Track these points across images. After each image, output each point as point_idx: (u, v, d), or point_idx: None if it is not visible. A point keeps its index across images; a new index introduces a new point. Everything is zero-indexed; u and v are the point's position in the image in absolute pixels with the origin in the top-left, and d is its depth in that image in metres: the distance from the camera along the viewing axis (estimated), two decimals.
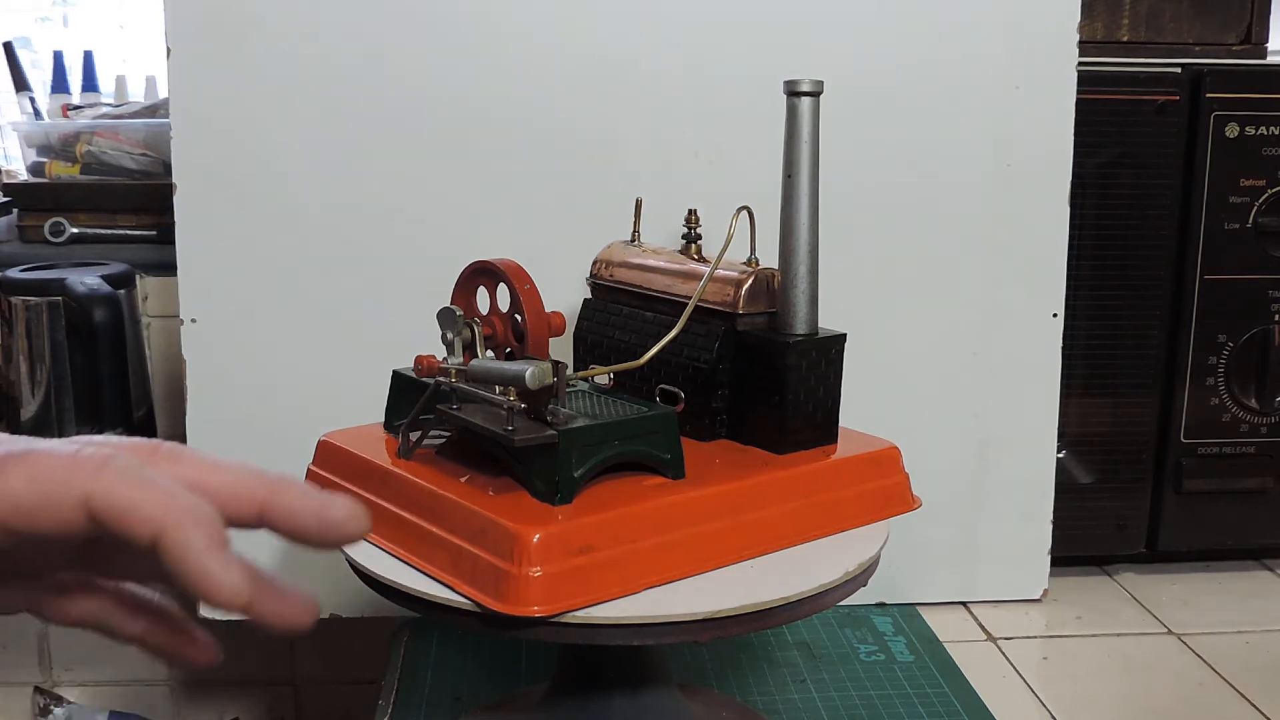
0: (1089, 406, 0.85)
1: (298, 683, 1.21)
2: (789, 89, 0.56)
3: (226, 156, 0.77)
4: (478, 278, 0.60)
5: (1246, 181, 0.82)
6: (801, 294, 0.58)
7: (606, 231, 0.67)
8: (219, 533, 0.36)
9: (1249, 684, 0.74)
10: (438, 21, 0.76)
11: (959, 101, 0.78)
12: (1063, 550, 0.85)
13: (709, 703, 0.67)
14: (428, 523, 0.51)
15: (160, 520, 0.35)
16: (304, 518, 0.39)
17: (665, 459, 0.53)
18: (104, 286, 0.96)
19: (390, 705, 0.70)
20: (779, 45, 0.77)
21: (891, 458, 0.59)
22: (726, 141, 0.78)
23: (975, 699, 0.71)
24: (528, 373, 0.48)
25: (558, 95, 0.77)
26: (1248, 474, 0.87)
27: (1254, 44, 0.92)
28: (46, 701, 1.18)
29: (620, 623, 0.48)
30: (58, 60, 1.24)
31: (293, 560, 0.81)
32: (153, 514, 0.35)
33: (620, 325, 0.63)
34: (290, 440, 0.79)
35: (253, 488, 0.39)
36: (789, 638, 0.79)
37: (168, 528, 0.35)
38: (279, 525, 0.39)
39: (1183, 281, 0.84)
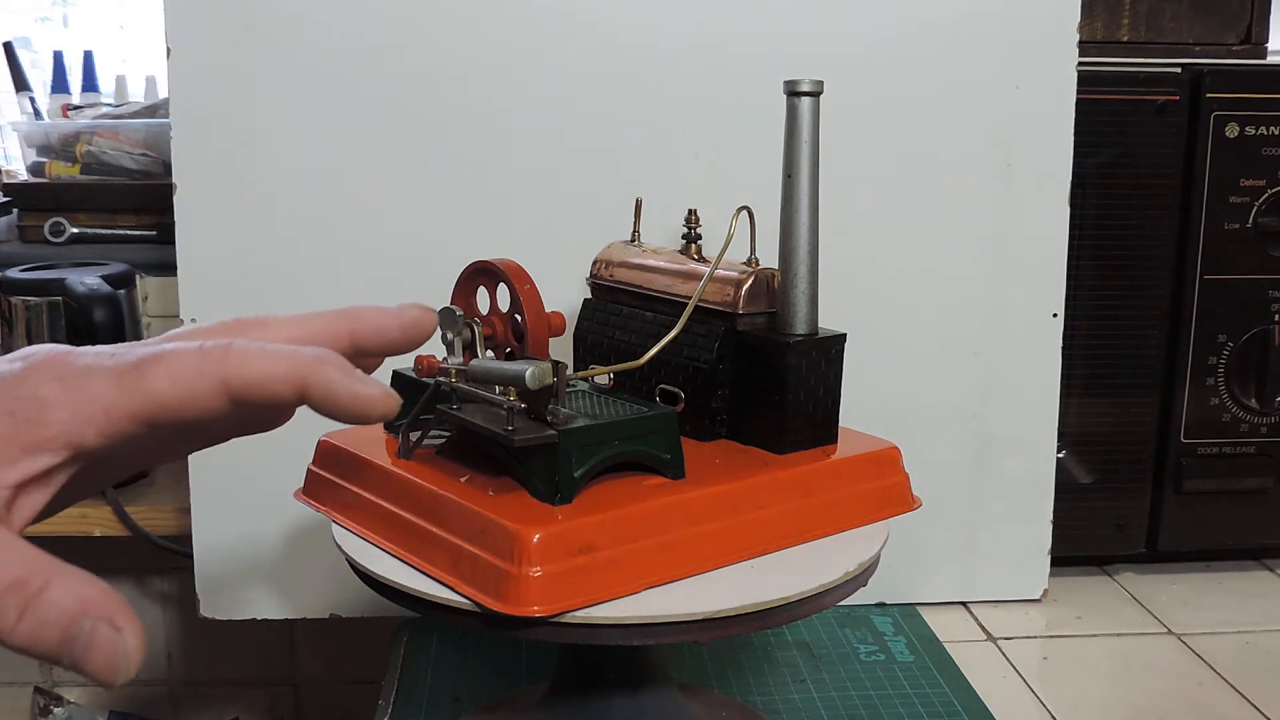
0: (1089, 406, 0.85)
1: (298, 683, 1.21)
2: (789, 89, 0.56)
3: (226, 156, 0.77)
4: (478, 278, 0.60)
5: (1246, 181, 0.82)
6: (801, 294, 0.58)
7: (606, 231, 0.67)
8: (345, 363, 0.39)
9: (1249, 684, 0.74)
10: (438, 22, 0.76)
11: (959, 101, 0.78)
12: (1063, 550, 0.85)
13: (709, 703, 0.67)
14: (428, 523, 0.51)
15: (297, 376, 0.38)
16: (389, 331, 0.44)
17: (665, 459, 0.53)
18: (104, 286, 0.96)
19: (390, 705, 0.70)
20: (779, 45, 0.77)
21: (891, 458, 0.59)
22: (726, 141, 0.78)
23: (975, 699, 0.71)
24: (528, 373, 0.48)
25: (558, 95, 0.77)
26: (1248, 474, 0.87)
27: (1254, 44, 0.92)
28: (46, 701, 1.18)
29: (620, 623, 0.48)
30: (58, 60, 1.24)
31: (293, 559, 0.81)
32: (289, 374, 0.38)
33: (620, 325, 0.63)
34: (290, 440, 0.79)
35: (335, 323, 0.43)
36: (789, 638, 0.79)
37: (306, 379, 0.38)
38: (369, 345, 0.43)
39: (1183, 281, 0.84)
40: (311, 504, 0.59)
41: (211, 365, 0.38)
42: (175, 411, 0.37)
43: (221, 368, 0.38)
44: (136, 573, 1.18)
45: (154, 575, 1.18)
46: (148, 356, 0.38)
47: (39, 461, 0.36)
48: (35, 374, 0.37)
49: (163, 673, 1.21)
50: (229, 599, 0.82)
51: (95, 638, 0.35)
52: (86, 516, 0.96)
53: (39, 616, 0.35)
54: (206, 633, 1.17)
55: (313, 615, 0.82)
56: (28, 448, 0.36)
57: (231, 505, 0.80)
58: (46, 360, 0.37)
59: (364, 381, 0.39)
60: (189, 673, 1.21)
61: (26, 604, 0.35)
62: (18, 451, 0.36)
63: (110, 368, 0.37)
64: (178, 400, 0.37)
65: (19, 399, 0.36)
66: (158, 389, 0.37)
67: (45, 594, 0.35)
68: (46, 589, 0.35)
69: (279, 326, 0.42)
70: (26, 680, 1.20)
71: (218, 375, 0.38)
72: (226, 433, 0.46)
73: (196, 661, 1.21)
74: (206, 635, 1.18)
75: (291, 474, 0.61)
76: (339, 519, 0.56)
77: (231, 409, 0.38)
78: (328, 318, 0.43)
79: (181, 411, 0.38)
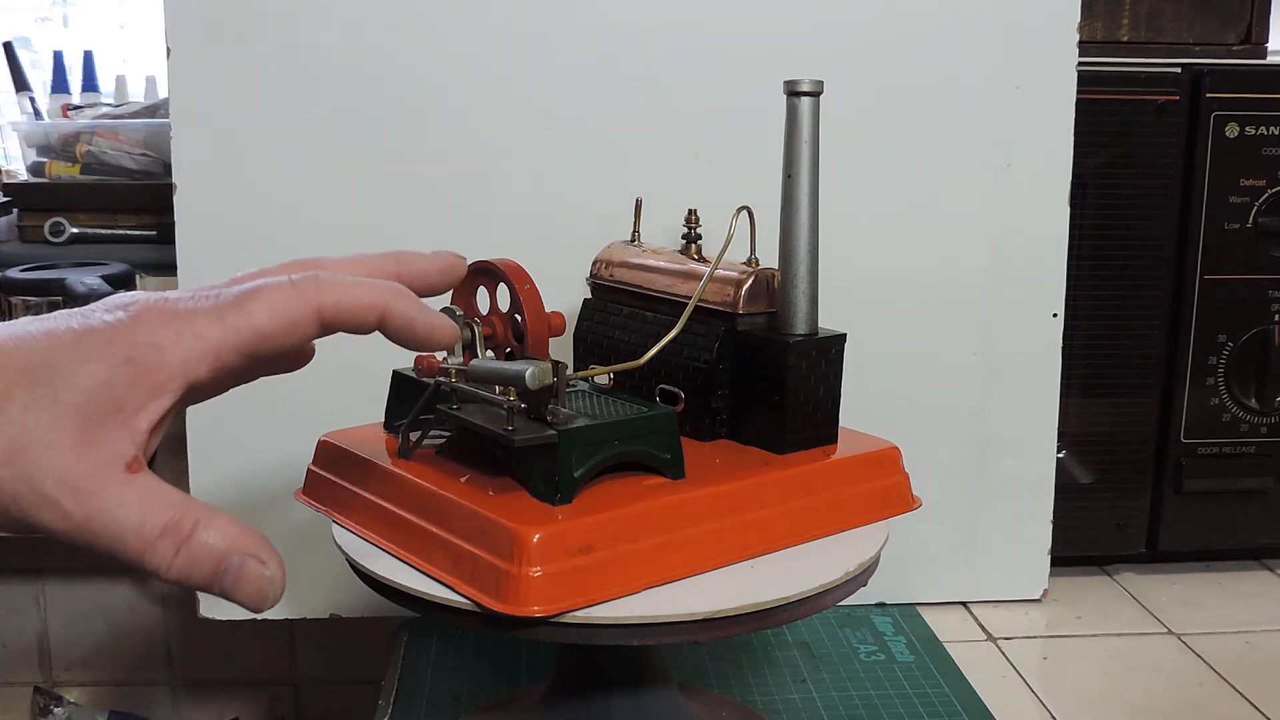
0: (1089, 406, 0.85)
1: (298, 683, 1.21)
2: (789, 89, 0.56)
3: (226, 156, 0.77)
4: (478, 278, 0.60)
5: (1246, 181, 0.82)
6: (801, 294, 0.58)
7: (606, 231, 0.67)
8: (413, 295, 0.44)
9: (1249, 684, 0.74)
10: (438, 22, 0.76)
11: (959, 101, 0.78)
12: (1063, 550, 0.85)
13: (709, 703, 0.67)
14: (428, 523, 0.51)
15: (381, 304, 0.42)
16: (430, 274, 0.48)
17: (665, 459, 0.53)
18: (104, 286, 0.96)
19: (390, 705, 0.70)
20: (779, 45, 0.77)
21: (891, 458, 0.59)
22: (726, 141, 0.78)
23: (975, 699, 0.71)
24: (528, 373, 0.48)
25: (558, 95, 0.77)
26: (1248, 474, 0.87)
27: (1254, 44, 0.92)
28: (46, 701, 1.18)
29: (620, 623, 0.48)
30: (58, 60, 1.24)
31: (293, 559, 0.81)
32: (372, 303, 0.42)
33: (620, 325, 0.63)
34: (290, 440, 0.79)
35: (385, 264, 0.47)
36: (789, 638, 0.79)
37: (389, 306, 0.42)
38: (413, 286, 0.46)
39: (1183, 281, 0.84)
40: (311, 504, 0.59)
41: (306, 296, 0.41)
42: (277, 340, 0.40)
43: (316, 297, 0.41)
44: (136, 573, 1.17)
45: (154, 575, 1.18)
46: (244, 293, 0.40)
47: (163, 402, 0.39)
48: (145, 321, 0.39)
49: (163, 673, 1.21)
50: None
51: (244, 570, 0.39)
52: None
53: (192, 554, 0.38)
54: (206, 633, 1.17)
55: (313, 615, 0.82)
56: (152, 390, 0.38)
57: (231, 505, 0.80)
58: (150, 307, 0.39)
59: (433, 312, 0.44)
60: (189, 673, 1.21)
61: (180, 544, 0.38)
62: (144, 395, 0.38)
63: (213, 308, 0.40)
64: (280, 329, 0.40)
65: (136, 345, 0.38)
66: (260, 321, 0.40)
67: (196, 534, 0.38)
68: (196, 529, 0.38)
69: (336, 266, 0.45)
70: (26, 680, 1.20)
71: (313, 304, 0.41)
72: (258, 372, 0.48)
73: (196, 661, 1.21)
74: (206, 635, 1.18)
75: (291, 474, 0.61)
76: (339, 519, 0.56)
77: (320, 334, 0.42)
78: (378, 259, 0.47)
79: (283, 340, 0.41)
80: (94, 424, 0.37)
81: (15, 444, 0.36)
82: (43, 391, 0.37)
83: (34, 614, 1.19)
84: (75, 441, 0.37)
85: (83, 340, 0.38)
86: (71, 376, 0.37)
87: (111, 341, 0.38)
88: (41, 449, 0.36)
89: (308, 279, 0.41)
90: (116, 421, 0.38)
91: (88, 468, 0.37)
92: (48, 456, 0.36)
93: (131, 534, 0.37)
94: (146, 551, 0.38)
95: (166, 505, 0.38)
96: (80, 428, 0.37)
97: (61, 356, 0.37)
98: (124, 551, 0.38)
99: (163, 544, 0.38)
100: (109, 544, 0.38)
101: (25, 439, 0.36)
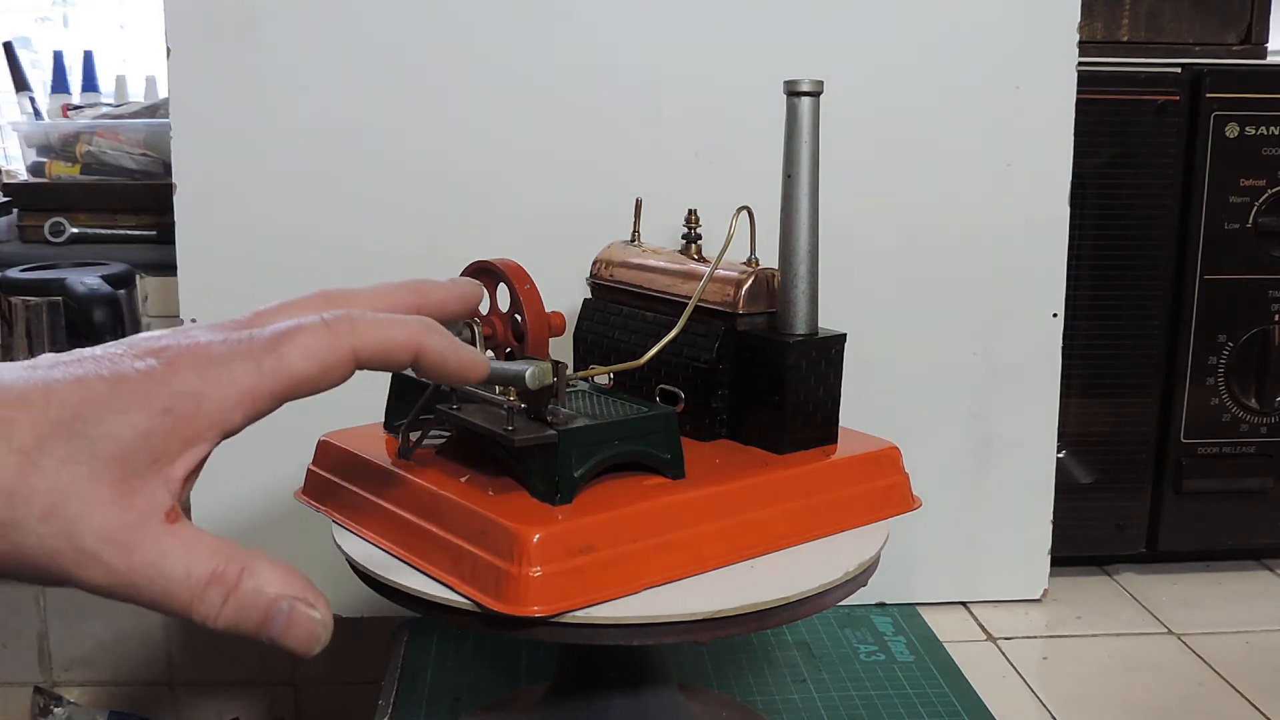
0: (1089, 406, 0.85)
1: (298, 683, 1.21)
2: (789, 89, 0.56)
3: (226, 156, 0.77)
4: (478, 278, 0.60)
5: (1246, 181, 0.82)
6: (801, 294, 0.58)
7: (606, 231, 0.67)
8: (443, 330, 0.44)
9: (1249, 684, 0.74)
10: (438, 22, 0.76)
11: (959, 101, 0.78)
12: (1063, 550, 0.85)
13: (709, 703, 0.67)
14: (428, 523, 0.51)
15: (415, 343, 0.42)
16: (450, 304, 0.48)
17: (665, 459, 0.53)
18: (104, 286, 0.96)
19: (390, 705, 0.70)
20: (779, 45, 0.77)
21: (891, 458, 0.59)
22: (726, 141, 0.78)
23: (975, 699, 0.71)
24: (528, 373, 0.48)
25: (558, 95, 0.77)
26: (1248, 474, 0.87)
27: (1254, 44, 0.92)
28: (46, 701, 1.18)
29: (620, 623, 0.48)
30: (58, 60, 1.24)
31: (293, 559, 0.81)
32: (407, 342, 0.42)
33: (620, 325, 0.63)
34: (290, 440, 0.79)
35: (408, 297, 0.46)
36: (789, 638, 0.79)
37: (423, 344, 0.42)
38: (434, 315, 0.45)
39: (1183, 281, 0.84)
40: (311, 504, 0.59)
41: (341, 338, 0.40)
42: (313, 384, 0.40)
43: (351, 339, 0.40)
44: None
45: None
46: (278, 335, 0.40)
47: (198, 451, 0.38)
48: (181, 369, 0.38)
49: (163, 673, 1.21)
50: None
51: (294, 616, 0.39)
52: None
53: (240, 603, 0.38)
54: (206, 633, 1.17)
55: None
56: (188, 440, 0.38)
57: (231, 505, 0.80)
58: (183, 352, 0.38)
59: (465, 348, 0.44)
60: (189, 673, 1.21)
61: (228, 593, 0.37)
62: (180, 445, 0.38)
63: (248, 352, 0.39)
64: (316, 374, 0.40)
65: (173, 395, 0.37)
66: (296, 366, 0.39)
67: (243, 582, 0.38)
68: (243, 577, 0.38)
69: (360, 299, 0.45)
70: (26, 680, 1.20)
71: (348, 346, 0.40)
72: None
73: (196, 661, 1.21)
74: (206, 635, 1.17)
75: (291, 474, 0.61)
76: (339, 519, 0.56)
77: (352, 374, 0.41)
78: (399, 292, 0.46)
79: (318, 383, 0.40)
80: (131, 476, 0.36)
81: (53, 499, 0.35)
82: (79, 444, 0.36)
83: (34, 614, 1.19)
84: (113, 495, 0.36)
85: (116, 390, 0.37)
86: (108, 428, 0.36)
87: (147, 392, 0.37)
88: (81, 504, 0.35)
89: (341, 319, 0.41)
90: (153, 472, 0.37)
91: (128, 521, 0.36)
92: (88, 511, 0.35)
93: (178, 585, 0.37)
94: (195, 602, 0.37)
95: (211, 554, 0.38)
96: (118, 480, 0.36)
97: (96, 408, 0.36)
98: (171, 604, 0.37)
99: (211, 593, 0.38)
100: (155, 597, 0.37)
101: (63, 494, 0.35)
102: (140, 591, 0.37)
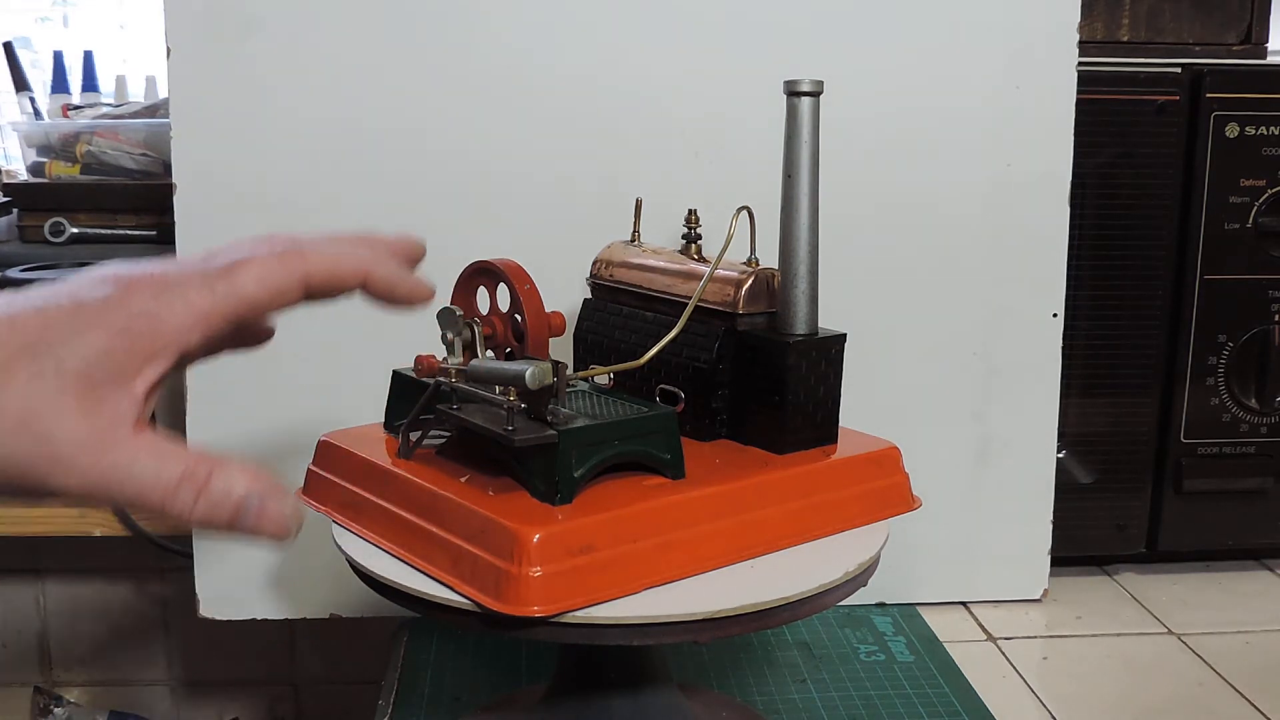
0: (1089, 406, 0.85)
1: (298, 683, 1.21)
2: (789, 89, 0.56)
3: (226, 156, 0.77)
4: (478, 278, 0.60)
5: (1246, 181, 0.82)
6: (801, 294, 0.58)
7: (606, 231, 0.67)
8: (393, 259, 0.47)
9: (1249, 684, 0.74)
10: (436, 22, 0.76)
11: (959, 101, 0.78)
12: (1063, 550, 0.85)
13: (709, 703, 0.67)
14: (428, 523, 0.51)
15: (363, 269, 0.45)
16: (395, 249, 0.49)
17: (665, 459, 0.53)
18: None
19: (390, 705, 0.70)
20: (779, 45, 0.77)
21: (891, 458, 0.59)
22: (726, 141, 0.78)
23: (975, 699, 0.71)
24: (528, 373, 0.48)
25: (558, 95, 0.77)
26: (1248, 474, 0.87)
27: (1254, 44, 0.92)
28: (46, 701, 1.18)
29: (620, 623, 0.48)
30: (58, 60, 1.23)
31: (293, 559, 0.81)
32: (356, 268, 0.45)
33: (620, 325, 0.63)
34: (290, 440, 0.79)
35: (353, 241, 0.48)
36: (789, 638, 0.79)
37: (370, 271, 0.45)
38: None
39: (1183, 281, 0.84)
40: (311, 504, 0.59)
41: (292, 265, 0.43)
42: (264, 307, 0.43)
43: (302, 266, 0.43)
44: (136, 573, 1.18)
45: (154, 575, 1.18)
46: (232, 263, 0.42)
47: (157, 368, 0.41)
48: (137, 293, 0.40)
49: (163, 673, 1.21)
50: (229, 599, 0.82)
51: (264, 508, 0.41)
52: (86, 516, 0.96)
53: (211, 500, 0.40)
54: (206, 633, 1.17)
55: (313, 615, 0.82)
56: (147, 357, 0.40)
57: None
58: (141, 279, 0.41)
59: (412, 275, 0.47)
60: (189, 673, 1.21)
61: (199, 491, 0.40)
62: (140, 361, 0.40)
63: (202, 278, 0.41)
64: (267, 298, 0.42)
65: (131, 315, 0.40)
66: (248, 290, 0.42)
67: (212, 481, 0.40)
68: (212, 477, 0.40)
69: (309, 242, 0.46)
70: (26, 680, 1.20)
71: (300, 273, 0.43)
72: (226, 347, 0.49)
73: (196, 661, 1.21)
74: (206, 635, 1.18)
75: (291, 474, 0.61)
76: (339, 519, 0.56)
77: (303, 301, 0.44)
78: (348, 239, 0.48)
79: (269, 307, 0.43)
80: (96, 389, 0.39)
81: (24, 413, 0.38)
82: (44, 363, 0.38)
83: (34, 614, 1.19)
84: (81, 406, 0.38)
85: (76, 315, 0.39)
86: (71, 348, 0.39)
87: (106, 314, 0.40)
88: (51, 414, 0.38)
89: (291, 250, 0.43)
90: (116, 386, 0.39)
91: (97, 427, 0.39)
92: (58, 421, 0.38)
93: (149, 486, 0.39)
94: (168, 499, 0.39)
95: (179, 457, 0.40)
96: (84, 393, 0.39)
97: (58, 331, 0.39)
98: (146, 502, 0.39)
99: (183, 491, 0.40)
100: (130, 497, 0.39)
101: (33, 407, 0.38)
102: (114, 494, 0.39)
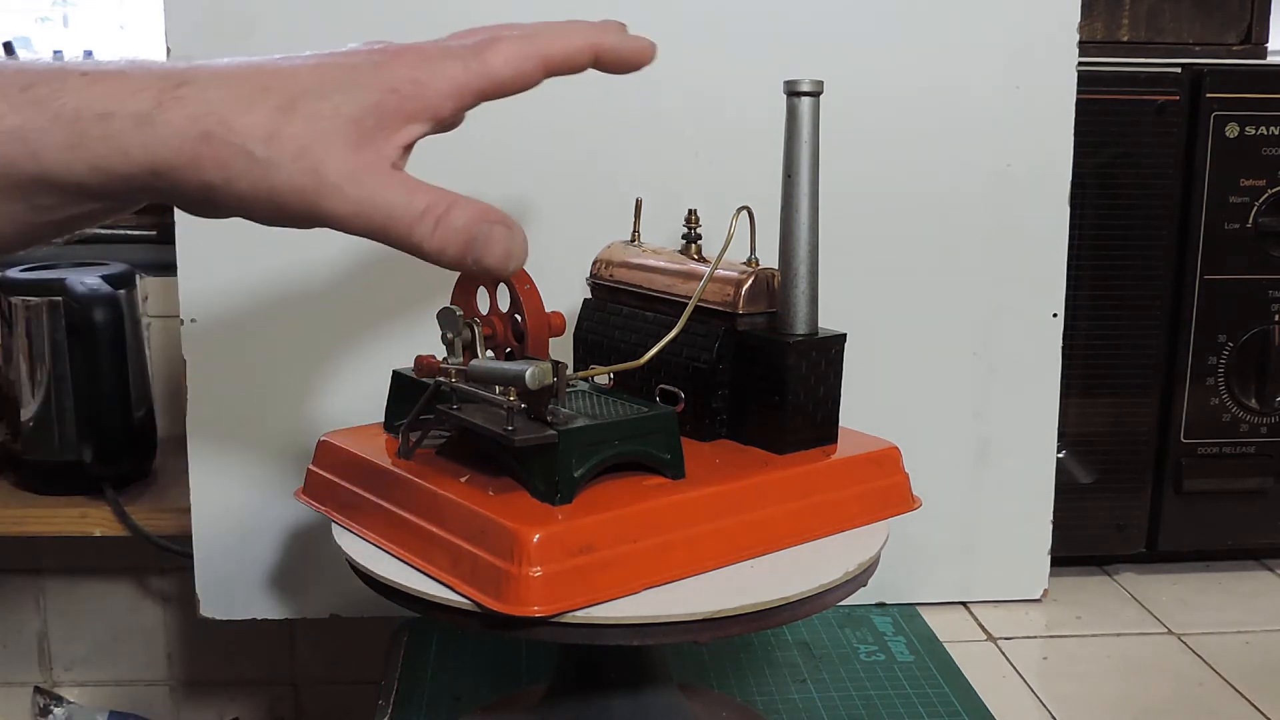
0: (1089, 406, 0.85)
1: (298, 683, 1.21)
2: (789, 89, 0.56)
3: None
4: (478, 278, 0.60)
5: (1246, 181, 0.82)
6: (801, 294, 0.58)
7: (606, 231, 0.67)
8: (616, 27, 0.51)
9: (1249, 684, 0.74)
10: (434, 22, 0.76)
11: (959, 101, 0.78)
12: (1063, 550, 0.85)
13: (709, 703, 0.67)
14: (428, 523, 0.51)
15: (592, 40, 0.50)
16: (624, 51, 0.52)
17: (665, 459, 0.53)
18: (104, 286, 0.96)
19: (390, 705, 0.70)
20: (779, 45, 0.77)
21: (891, 458, 0.59)
22: (726, 141, 0.78)
23: (975, 699, 0.71)
24: (528, 373, 0.48)
25: (558, 95, 0.77)
26: (1248, 474, 0.87)
27: (1254, 44, 0.92)
28: (46, 701, 1.18)
29: (620, 623, 0.48)
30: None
31: (293, 559, 0.81)
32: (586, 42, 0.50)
33: (620, 325, 0.63)
34: (290, 440, 0.79)
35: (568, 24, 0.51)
36: (789, 638, 0.79)
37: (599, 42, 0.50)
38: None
39: (1183, 281, 0.84)
40: (311, 504, 0.59)
41: (534, 46, 0.47)
42: (509, 88, 0.47)
43: (542, 48, 0.47)
44: (136, 573, 1.18)
45: (154, 575, 1.18)
46: (483, 42, 0.47)
47: (416, 129, 0.46)
48: (403, 60, 0.46)
49: (163, 673, 1.21)
50: (229, 599, 0.82)
51: (491, 236, 0.44)
52: (87, 516, 0.96)
53: (449, 227, 0.44)
54: (206, 633, 1.17)
55: (313, 615, 0.82)
56: (409, 116, 0.45)
57: (231, 505, 0.80)
58: (406, 50, 0.46)
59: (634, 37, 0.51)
60: (189, 673, 1.21)
61: (438, 221, 0.44)
62: (402, 119, 0.45)
63: (459, 54, 0.46)
64: (511, 78, 0.47)
65: (399, 78, 0.45)
66: (497, 69, 0.46)
67: (450, 212, 0.44)
68: (450, 209, 0.44)
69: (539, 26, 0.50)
70: (26, 680, 1.20)
71: (541, 54, 0.47)
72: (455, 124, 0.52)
73: (196, 661, 1.21)
74: (206, 635, 1.18)
75: (291, 474, 0.61)
76: (339, 519, 0.56)
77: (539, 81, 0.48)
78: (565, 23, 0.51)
79: (513, 87, 0.47)
80: (364, 134, 0.44)
81: (303, 143, 0.42)
82: (324, 105, 0.43)
83: (34, 614, 1.19)
84: (349, 144, 0.43)
85: (352, 73, 0.44)
86: (346, 96, 0.43)
87: (377, 75, 0.44)
88: (325, 147, 0.43)
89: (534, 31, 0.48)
90: (381, 135, 0.44)
91: (362, 161, 0.44)
92: (330, 153, 0.43)
93: (399, 213, 0.43)
94: (414, 225, 0.43)
95: (426, 192, 0.44)
96: (353, 135, 0.43)
97: (335, 84, 0.44)
98: (395, 227, 0.43)
99: (425, 220, 0.44)
100: (382, 223, 0.43)
101: (311, 139, 0.43)
102: (369, 219, 0.43)
